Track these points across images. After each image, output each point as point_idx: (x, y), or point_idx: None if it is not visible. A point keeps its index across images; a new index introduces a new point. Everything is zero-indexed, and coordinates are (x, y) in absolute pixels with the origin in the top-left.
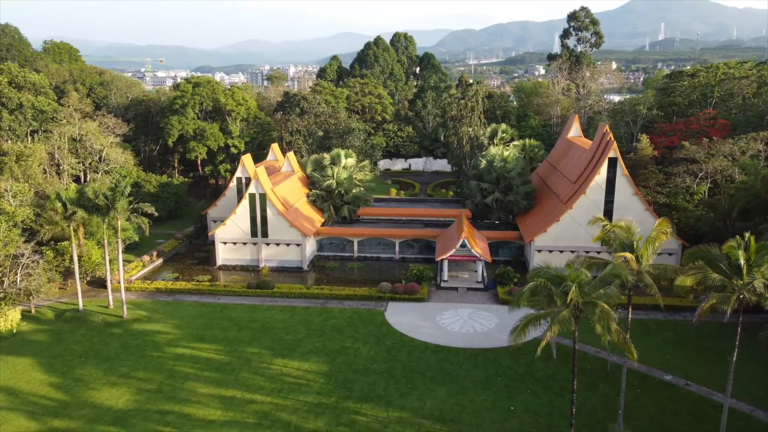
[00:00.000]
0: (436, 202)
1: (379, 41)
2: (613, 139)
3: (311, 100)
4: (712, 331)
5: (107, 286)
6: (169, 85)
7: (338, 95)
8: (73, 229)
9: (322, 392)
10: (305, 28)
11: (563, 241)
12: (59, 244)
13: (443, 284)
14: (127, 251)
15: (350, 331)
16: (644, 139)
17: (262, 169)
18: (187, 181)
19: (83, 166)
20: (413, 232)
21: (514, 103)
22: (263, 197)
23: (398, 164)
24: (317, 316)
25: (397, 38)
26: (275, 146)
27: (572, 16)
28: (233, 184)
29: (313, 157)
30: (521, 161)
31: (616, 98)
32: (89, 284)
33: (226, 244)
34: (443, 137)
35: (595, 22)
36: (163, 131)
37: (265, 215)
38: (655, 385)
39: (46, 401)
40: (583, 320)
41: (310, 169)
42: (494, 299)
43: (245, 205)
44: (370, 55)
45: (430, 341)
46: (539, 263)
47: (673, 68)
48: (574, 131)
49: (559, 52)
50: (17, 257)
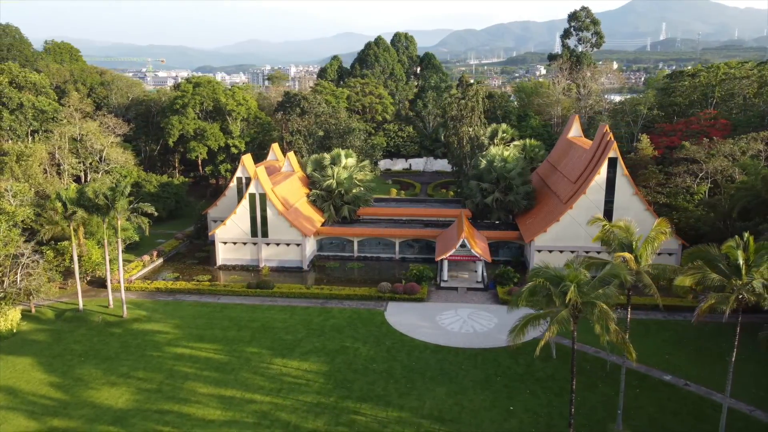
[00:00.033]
0: (436, 202)
1: (379, 41)
2: (613, 139)
3: (312, 100)
4: (712, 331)
5: (107, 285)
6: (170, 85)
7: (339, 95)
8: (73, 228)
9: (321, 392)
10: (306, 28)
11: (563, 241)
12: (59, 243)
13: (443, 284)
14: (127, 251)
15: (350, 330)
16: (644, 139)
17: (262, 169)
18: (187, 181)
19: (84, 166)
20: (413, 232)
21: (514, 103)
22: (263, 197)
23: (399, 164)
24: (317, 315)
25: (397, 38)
26: (275, 146)
27: (573, 16)
28: (233, 184)
29: (313, 157)
30: (521, 161)
31: (616, 98)
32: (89, 284)
33: (226, 243)
34: (443, 137)
35: (595, 22)
36: (163, 131)
37: (265, 215)
38: (654, 385)
39: (45, 401)
40: (582, 320)
41: (310, 169)
42: (494, 299)
43: (245, 205)
44: (370, 55)
45: (429, 341)
46: (539, 263)
47: (674, 68)
48: (574, 131)
49: (559, 52)
50: (17, 257)
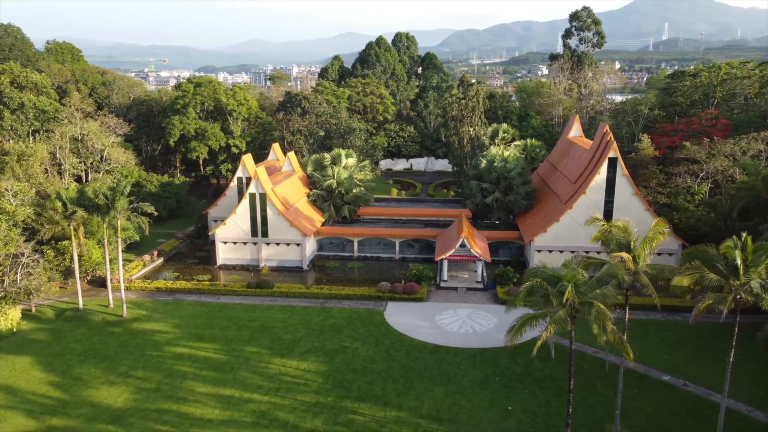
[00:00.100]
0: (436, 202)
1: (381, 41)
2: (613, 138)
3: (313, 100)
4: (711, 331)
5: (107, 285)
6: (172, 85)
7: (340, 95)
8: (73, 228)
9: (319, 392)
10: (308, 28)
11: (563, 241)
12: (60, 243)
13: (443, 284)
14: (127, 250)
15: (349, 330)
16: (645, 139)
17: (262, 168)
18: (188, 180)
19: (85, 165)
20: (413, 232)
21: (516, 103)
22: (263, 197)
23: (400, 164)
24: (316, 315)
25: (398, 38)
26: (276, 146)
27: (574, 15)
28: (234, 183)
29: (313, 156)
30: (521, 161)
31: (618, 98)
32: (89, 283)
33: (226, 243)
34: (444, 137)
35: (596, 21)
36: (164, 131)
37: (265, 215)
38: (653, 385)
39: (45, 400)
40: (581, 320)
41: (310, 168)
42: (494, 299)
43: (245, 204)
44: (371, 55)
45: (428, 341)
46: (539, 263)
47: (676, 68)
48: (574, 131)
49: (561, 52)
50: (18, 256)
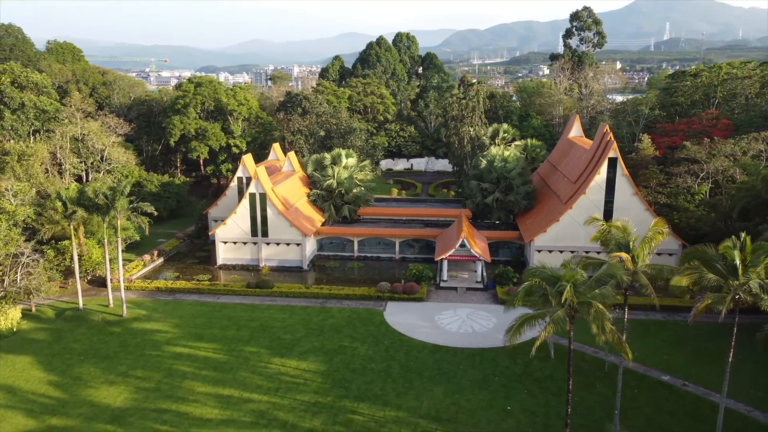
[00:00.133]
0: (436, 202)
1: (381, 41)
2: (613, 138)
3: (313, 99)
4: (711, 331)
5: (107, 285)
6: (173, 85)
7: (340, 95)
8: (73, 228)
9: (319, 391)
10: (309, 28)
11: (563, 241)
12: (60, 243)
13: (443, 284)
14: (128, 250)
15: (349, 330)
16: (646, 139)
17: (262, 168)
18: (188, 180)
19: (85, 165)
20: (413, 231)
21: (516, 103)
22: (263, 197)
23: (400, 164)
24: (316, 315)
25: (399, 38)
26: (276, 146)
27: (574, 16)
28: (234, 183)
29: (314, 156)
30: (522, 161)
31: (618, 98)
32: (89, 283)
33: (226, 243)
34: (444, 137)
35: (597, 21)
36: (165, 131)
37: (265, 215)
38: (652, 385)
39: (44, 399)
40: (581, 320)
41: (310, 168)
42: (493, 299)
43: (245, 204)
44: (372, 55)
45: (428, 341)
46: (538, 263)
47: (677, 68)
48: (575, 131)
49: (562, 52)
50: (18, 256)
